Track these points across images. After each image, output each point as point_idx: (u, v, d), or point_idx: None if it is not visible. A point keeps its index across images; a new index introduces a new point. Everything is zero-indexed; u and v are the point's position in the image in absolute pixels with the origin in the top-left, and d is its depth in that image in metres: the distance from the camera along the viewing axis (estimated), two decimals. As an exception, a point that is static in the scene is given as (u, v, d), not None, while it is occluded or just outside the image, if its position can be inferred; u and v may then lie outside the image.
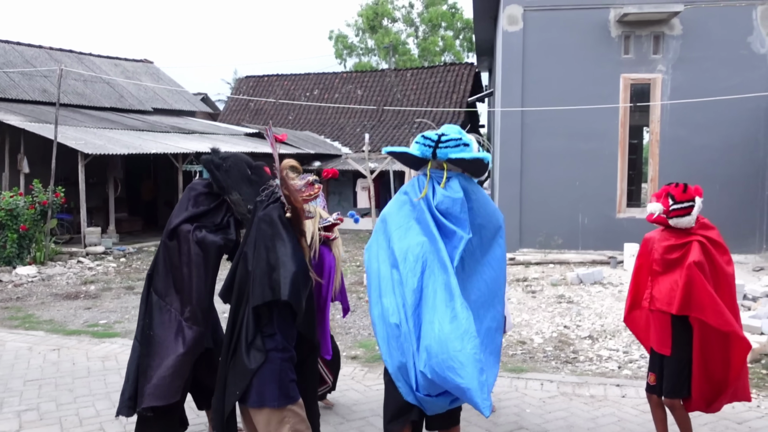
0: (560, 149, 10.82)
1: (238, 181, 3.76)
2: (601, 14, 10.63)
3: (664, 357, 4.02)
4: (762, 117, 10.38)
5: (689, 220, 3.83)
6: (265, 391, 3.06)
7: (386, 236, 3.09)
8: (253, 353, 3.07)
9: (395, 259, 2.97)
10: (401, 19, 38.73)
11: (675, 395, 3.98)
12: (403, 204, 3.12)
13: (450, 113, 21.53)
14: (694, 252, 3.81)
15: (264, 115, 24.79)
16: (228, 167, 3.82)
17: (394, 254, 2.98)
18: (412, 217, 3.03)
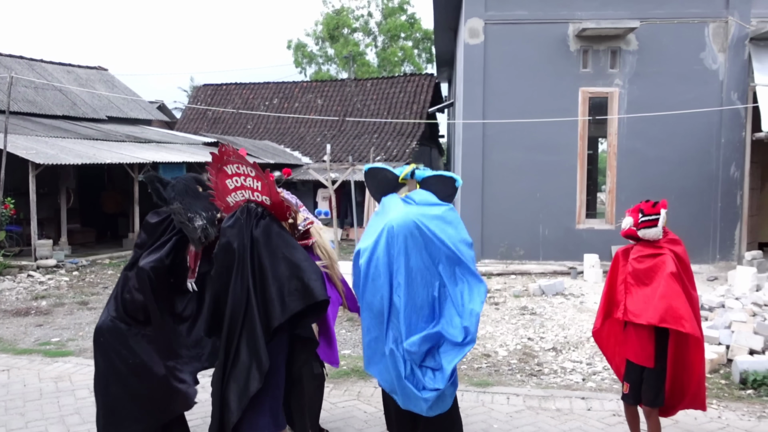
0: (521, 161, 10.93)
1: (182, 193, 3.66)
2: (560, 29, 10.81)
3: (644, 368, 4.12)
4: (714, 131, 10.68)
5: (656, 232, 4.10)
6: (258, 420, 3.14)
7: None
8: (252, 379, 3.12)
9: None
10: (360, 28, 38.80)
11: (655, 405, 4.12)
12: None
13: (410, 124, 21.60)
14: (669, 264, 4.00)
15: (222, 124, 24.46)
16: (175, 183, 3.73)
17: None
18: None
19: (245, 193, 3.37)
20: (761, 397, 5.59)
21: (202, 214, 3.58)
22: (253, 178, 3.27)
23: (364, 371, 6.09)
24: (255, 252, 3.18)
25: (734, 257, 10.74)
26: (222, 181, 3.38)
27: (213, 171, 3.39)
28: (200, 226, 3.54)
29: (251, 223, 3.21)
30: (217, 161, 3.34)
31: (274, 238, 3.20)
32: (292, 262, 3.16)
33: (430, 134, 24.54)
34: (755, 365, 5.91)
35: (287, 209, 3.30)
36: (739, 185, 10.72)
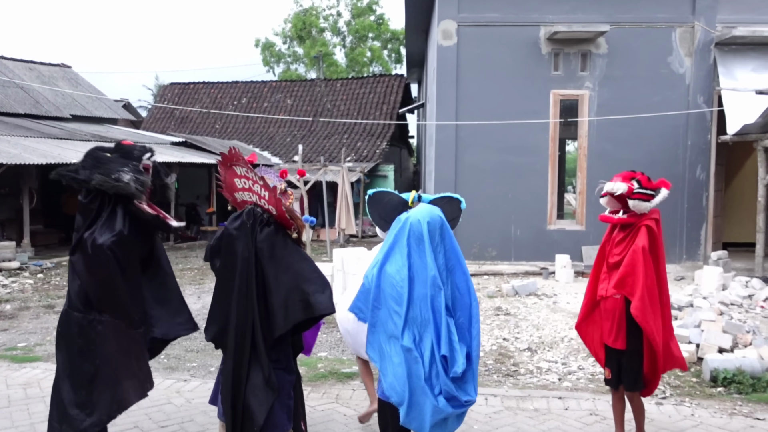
0: (493, 162, 11.01)
1: (94, 166, 3.51)
2: (532, 32, 10.92)
3: (622, 353, 4.17)
4: (681, 134, 10.91)
5: (647, 206, 4.02)
6: (276, 418, 3.22)
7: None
8: (271, 383, 3.17)
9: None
10: (329, 28, 38.67)
11: (635, 389, 4.19)
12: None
13: (380, 124, 21.61)
14: (642, 237, 4.01)
15: (190, 124, 24.13)
16: (82, 163, 3.58)
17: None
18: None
19: (252, 196, 3.36)
20: (731, 394, 5.72)
21: (124, 169, 3.45)
22: (262, 187, 3.26)
23: (342, 374, 6.07)
24: (258, 259, 3.16)
25: (700, 257, 10.98)
26: (230, 177, 3.39)
27: (222, 167, 3.41)
28: (130, 179, 3.42)
29: (255, 229, 3.20)
30: (227, 160, 3.36)
31: (278, 247, 3.19)
32: (296, 272, 3.16)
33: (400, 135, 24.59)
34: (725, 363, 6.04)
35: (290, 224, 3.27)
36: (704, 187, 10.97)
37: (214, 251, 3.46)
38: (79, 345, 3.49)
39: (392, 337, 3.01)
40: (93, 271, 3.44)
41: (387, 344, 3.03)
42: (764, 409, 5.38)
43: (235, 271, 3.16)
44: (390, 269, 3.02)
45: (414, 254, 3.01)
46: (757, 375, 5.89)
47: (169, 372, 6.26)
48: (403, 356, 2.97)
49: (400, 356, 2.98)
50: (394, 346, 3.00)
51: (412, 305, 2.97)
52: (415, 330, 2.97)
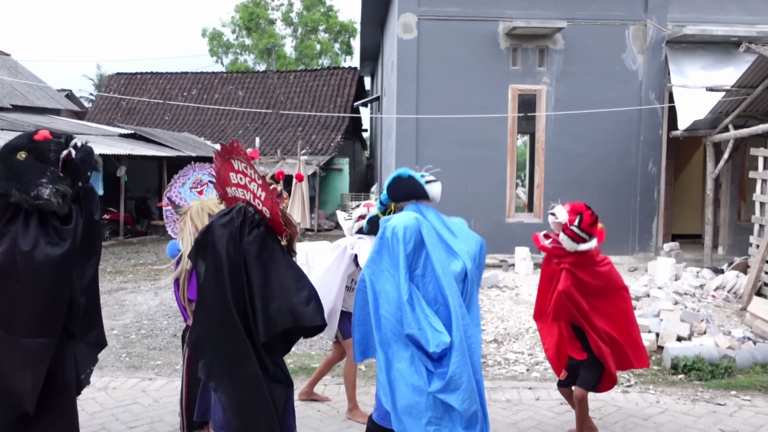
0: (453, 156, 11.08)
1: (9, 178, 3.12)
2: (490, 26, 11.02)
3: (582, 361, 4.33)
4: (634, 129, 11.21)
5: (573, 246, 4.09)
6: (289, 420, 3.18)
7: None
8: (277, 387, 3.07)
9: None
10: (280, 18, 38.15)
11: (588, 389, 4.35)
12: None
13: (334, 117, 21.49)
14: (562, 281, 4.18)
15: (138, 115, 23.46)
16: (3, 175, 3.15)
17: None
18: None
19: (246, 193, 3.16)
20: (692, 381, 5.92)
21: (42, 182, 3.10)
22: (259, 186, 3.08)
23: (311, 369, 6.01)
24: (244, 261, 3.01)
25: (652, 249, 11.33)
26: (226, 171, 3.20)
27: (219, 158, 3.21)
28: (51, 193, 3.09)
29: (244, 229, 3.03)
30: (226, 152, 3.17)
31: (265, 252, 2.99)
32: (281, 280, 2.99)
33: (354, 128, 24.51)
34: (685, 351, 6.25)
35: (283, 230, 3.12)
36: (656, 180, 11.31)
37: (199, 247, 3.25)
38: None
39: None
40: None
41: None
42: (724, 394, 5.59)
43: (222, 270, 2.99)
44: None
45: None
46: (715, 362, 6.11)
47: (132, 371, 6.07)
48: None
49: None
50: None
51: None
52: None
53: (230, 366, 3.01)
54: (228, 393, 3.04)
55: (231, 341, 2.98)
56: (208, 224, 3.22)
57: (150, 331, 7.41)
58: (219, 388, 3.06)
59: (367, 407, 5.18)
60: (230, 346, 2.99)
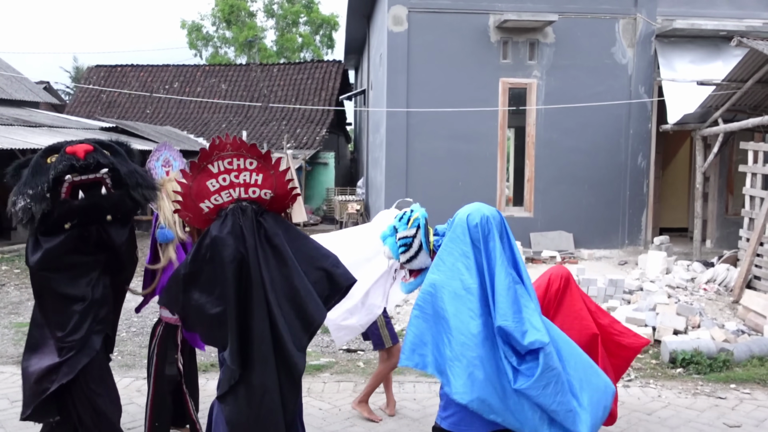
0: (444, 150, 11.02)
1: (27, 176, 3.36)
2: (481, 19, 10.95)
3: None
4: (623, 123, 11.23)
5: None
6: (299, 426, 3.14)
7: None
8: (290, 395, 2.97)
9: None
10: (262, 9, 37.72)
11: None
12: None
13: (319, 111, 21.31)
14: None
15: (118, 108, 23.05)
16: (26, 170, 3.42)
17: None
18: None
19: (233, 192, 2.94)
20: (691, 375, 5.93)
21: (27, 192, 3.27)
22: (251, 172, 2.89)
23: (310, 367, 5.92)
24: (267, 257, 2.86)
25: (641, 242, 11.38)
26: (201, 183, 2.91)
27: (193, 171, 2.91)
28: (21, 208, 3.26)
29: (253, 226, 2.87)
30: (204, 158, 2.88)
31: (279, 237, 2.89)
32: (308, 253, 2.94)
33: (338, 121, 24.34)
34: (682, 345, 6.26)
35: (290, 201, 3.01)
36: (645, 174, 11.35)
37: (194, 277, 2.91)
38: None
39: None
40: None
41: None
42: (724, 388, 5.61)
43: (241, 277, 2.82)
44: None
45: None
46: (713, 355, 6.13)
47: (125, 370, 5.95)
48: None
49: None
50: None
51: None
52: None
53: (245, 373, 2.85)
54: (236, 404, 2.89)
55: (254, 347, 2.84)
56: (196, 249, 2.92)
57: (140, 329, 7.26)
58: (226, 396, 2.90)
59: (371, 404, 5.11)
60: (253, 353, 2.84)
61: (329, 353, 6.58)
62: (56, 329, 3.48)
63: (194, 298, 2.91)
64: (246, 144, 2.90)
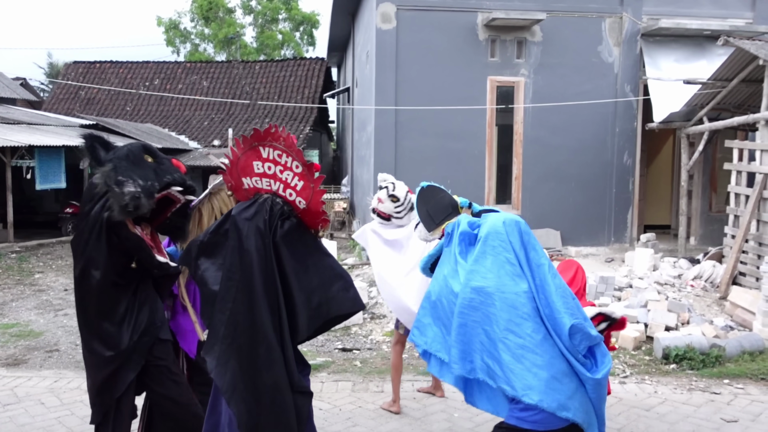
0: (432, 148, 11.01)
1: (121, 157, 3.18)
2: (469, 17, 10.96)
3: None
4: (610, 121, 11.32)
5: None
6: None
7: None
8: (300, 398, 2.86)
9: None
10: (240, 5, 37.36)
11: None
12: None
13: (302, 108, 21.21)
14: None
15: (97, 105, 22.71)
16: (119, 148, 3.29)
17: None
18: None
19: (274, 184, 2.92)
20: (684, 370, 6.00)
21: (137, 181, 3.12)
22: (295, 175, 2.86)
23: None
24: (278, 255, 2.83)
25: (627, 240, 11.49)
26: (248, 159, 2.91)
27: (243, 146, 2.91)
28: (130, 193, 3.07)
29: (275, 222, 2.82)
30: (256, 139, 2.87)
31: (300, 243, 2.83)
32: (319, 271, 2.86)
33: (321, 119, 24.25)
34: (675, 341, 6.33)
35: (323, 221, 2.96)
36: (631, 172, 11.46)
37: (207, 248, 2.95)
38: None
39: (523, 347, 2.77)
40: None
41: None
42: (718, 383, 5.68)
43: (251, 266, 2.77)
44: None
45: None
46: (705, 351, 6.21)
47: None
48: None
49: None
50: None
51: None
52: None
53: (254, 373, 2.81)
54: (246, 404, 2.83)
55: (259, 346, 2.78)
56: (220, 222, 2.96)
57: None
58: (233, 398, 2.83)
59: (368, 403, 5.09)
60: (257, 351, 2.79)
61: (325, 353, 6.55)
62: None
63: (202, 267, 2.95)
64: (296, 147, 2.87)
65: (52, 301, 8.79)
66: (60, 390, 5.37)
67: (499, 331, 2.77)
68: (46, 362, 6.18)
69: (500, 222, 2.92)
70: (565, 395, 2.72)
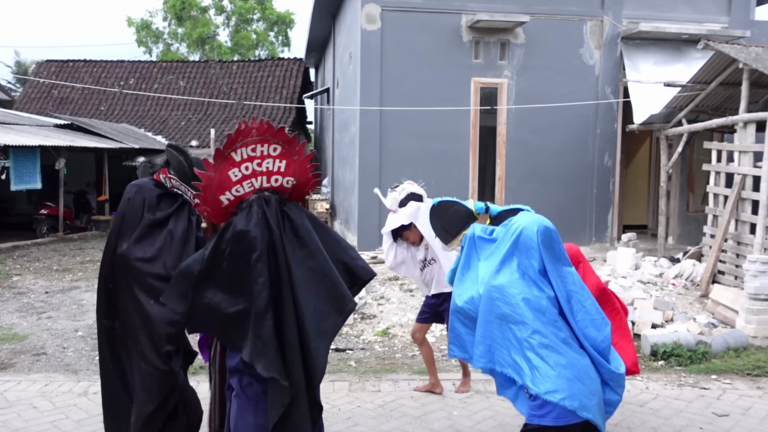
0: (416, 149, 11.06)
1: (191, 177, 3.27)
2: (453, 19, 11.03)
3: None
4: (591, 123, 11.49)
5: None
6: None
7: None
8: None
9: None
10: (211, 5, 37.02)
11: None
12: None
13: (280, 109, 21.11)
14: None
15: (71, 105, 22.33)
16: (194, 161, 3.34)
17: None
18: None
19: (255, 181, 2.85)
20: (673, 366, 6.12)
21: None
22: (274, 158, 2.79)
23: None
24: (293, 249, 2.80)
25: (607, 239, 11.67)
26: (223, 173, 2.78)
27: (216, 160, 2.78)
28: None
29: (278, 217, 2.80)
30: (229, 145, 2.75)
31: (304, 230, 2.80)
32: (330, 245, 2.89)
33: (299, 120, 24.16)
34: (663, 338, 6.45)
35: (311, 187, 2.94)
36: (611, 173, 11.65)
37: (209, 274, 2.78)
38: None
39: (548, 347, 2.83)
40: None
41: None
42: (706, 379, 5.80)
43: (268, 274, 2.73)
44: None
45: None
46: (692, 348, 6.34)
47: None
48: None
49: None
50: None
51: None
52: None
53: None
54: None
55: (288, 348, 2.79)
56: (215, 245, 2.79)
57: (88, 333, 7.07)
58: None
59: (367, 403, 5.10)
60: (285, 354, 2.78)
61: (318, 353, 6.53)
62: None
63: (207, 296, 2.77)
64: (273, 128, 2.78)
65: (34, 303, 8.62)
66: (52, 394, 5.28)
67: (524, 329, 2.82)
68: (35, 366, 6.07)
69: (533, 228, 2.92)
70: (586, 396, 2.78)
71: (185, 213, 3.37)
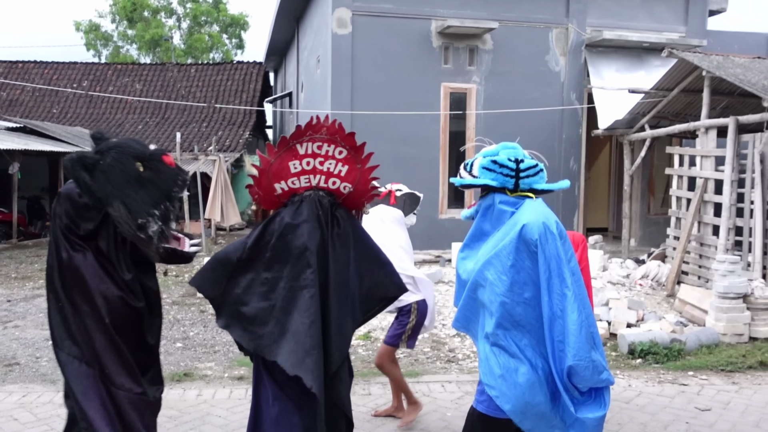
0: (387, 153, 11.01)
1: (121, 185, 2.73)
2: (423, 24, 11.13)
3: None
4: (557, 128, 11.75)
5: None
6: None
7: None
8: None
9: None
10: (162, 9, 36.36)
11: None
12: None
13: (241, 113, 20.87)
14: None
15: (21, 107, 21.56)
16: (106, 167, 2.76)
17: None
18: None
19: (313, 178, 2.81)
20: (650, 364, 6.30)
21: (154, 213, 2.73)
22: (338, 161, 2.76)
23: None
24: (336, 255, 2.77)
25: (573, 242, 11.91)
26: (283, 161, 2.76)
27: (279, 147, 2.76)
28: (155, 233, 2.73)
29: (329, 220, 2.77)
30: (296, 137, 2.73)
31: (357, 232, 2.85)
32: (372, 257, 2.87)
33: (258, 124, 23.92)
34: (639, 337, 6.64)
35: (366, 200, 2.92)
36: (576, 177, 11.92)
37: (247, 263, 2.74)
38: None
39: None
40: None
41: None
42: (683, 375, 6.00)
43: (326, 273, 2.70)
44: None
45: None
46: (667, 345, 6.55)
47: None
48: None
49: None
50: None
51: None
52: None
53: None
54: None
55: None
56: (259, 234, 2.78)
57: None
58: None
59: (359, 406, 5.09)
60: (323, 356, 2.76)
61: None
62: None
63: (241, 286, 2.73)
64: (344, 131, 2.77)
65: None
66: (31, 405, 5.10)
67: (490, 324, 2.80)
68: (8, 377, 5.84)
69: (534, 228, 2.78)
70: (522, 404, 2.74)
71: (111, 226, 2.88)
